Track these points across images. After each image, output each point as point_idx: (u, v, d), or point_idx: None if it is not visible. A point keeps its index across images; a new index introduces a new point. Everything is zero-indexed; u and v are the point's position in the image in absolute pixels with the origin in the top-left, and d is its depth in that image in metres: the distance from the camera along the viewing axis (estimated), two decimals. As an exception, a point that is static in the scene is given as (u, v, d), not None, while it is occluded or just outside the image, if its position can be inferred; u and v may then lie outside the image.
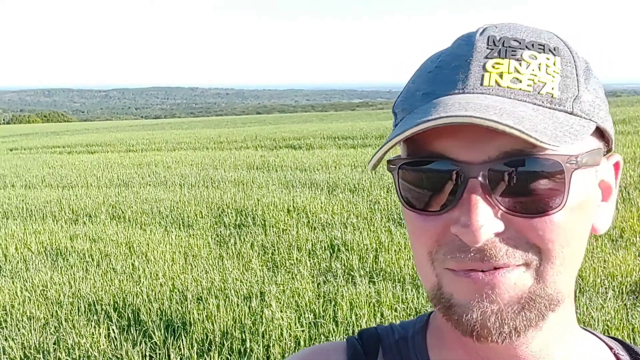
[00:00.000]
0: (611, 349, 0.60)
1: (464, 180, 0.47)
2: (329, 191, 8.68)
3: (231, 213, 7.49)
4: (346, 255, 5.32)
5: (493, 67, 0.49)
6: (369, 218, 6.73)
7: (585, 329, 0.61)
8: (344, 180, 9.30)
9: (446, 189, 0.48)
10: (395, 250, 5.29)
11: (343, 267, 5.03)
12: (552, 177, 0.46)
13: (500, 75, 0.48)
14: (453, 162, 0.48)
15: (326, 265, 5.17)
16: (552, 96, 0.48)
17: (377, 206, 7.27)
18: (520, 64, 0.49)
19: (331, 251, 5.59)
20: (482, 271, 0.48)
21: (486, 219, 0.46)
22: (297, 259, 5.42)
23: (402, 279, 4.59)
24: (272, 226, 6.72)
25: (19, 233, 7.22)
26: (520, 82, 0.48)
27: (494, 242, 0.47)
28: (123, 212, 8.16)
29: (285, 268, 5.21)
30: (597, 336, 0.61)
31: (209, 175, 11.24)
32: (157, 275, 5.18)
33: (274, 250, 5.79)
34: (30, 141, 27.68)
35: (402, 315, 3.88)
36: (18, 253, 6.32)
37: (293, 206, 7.59)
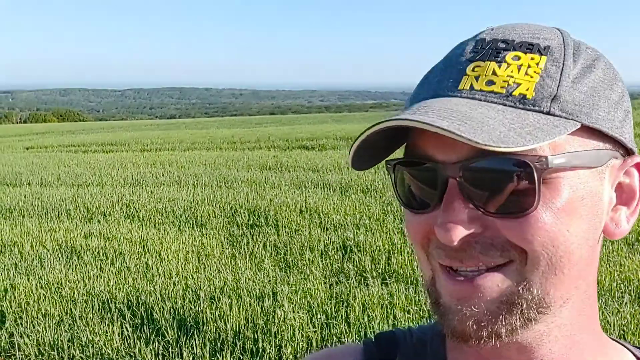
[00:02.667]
0: None
1: (444, 180, 0.49)
2: (341, 192, 8.67)
3: (244, 213, 7.51)
4: (358, 257, 5.31)
5: (473, 70, 0.50)
6: (381, 219, 6.71)
7: (613, 339, 0.60)
8: (356, 182, 9.28)
9: (431, 189, 0.50)
10: (408, 252, 5.26)
11: (355, 269, 5.02)
12: (523, 177, 0.46)
13: (477, 78, 0.49)
14: (435, 163, 0.49)
15: (338, 266, 5.16)
16: (525, 97, 0.48)
17: (389, 207, 7.24)
18: (499, 66, 0.49)
19: (343, 252, 5.58)
20: (464, 272, 0.49)
21: (460, 220, 0.47)
22: (309, 259, 5.41)
23: (415, 281, 4.56)
24: (285, 226, 6.73)
25: (34, 231, 7.31)
26: (494, 83, 0.48)
27: (471, 242, 0.48)
28: (137, 211, 8.23)
29: (297, 268, 5.21)
30: (626, 347, 0.60)
31: (222, 175, 11.29)
32: (170, 274, 5.20)
33: (287, 250, 5.79)
34: (46, 140, 28.03)
35: (415, 318, 3.86)
36: (33, 250, 6.40)
37: (305, 207, 7.59)
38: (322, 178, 10.03)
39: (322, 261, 5.34)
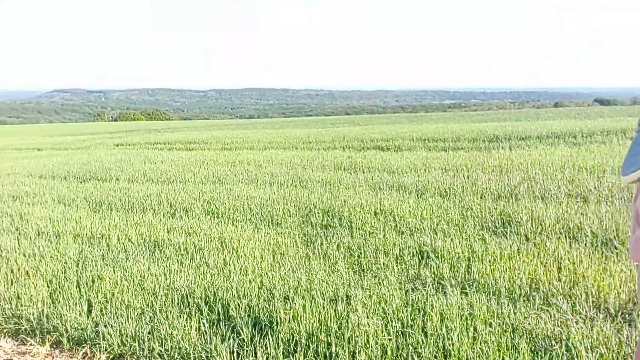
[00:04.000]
0: None
1: None
2: (417, 195, 8.45)
3: (318, 213, 7.50)
4: (436, 263, 5.12)
5: None
6: (460, 225, 6.45)
7: None
8: (433, 184, 9.02)
9: None
10: (489, 261, 5.01)
11: (432, 275, 4.84)
12: None
13: None
14: None
15: (414, 272, 5.00)
16: None
17: (469, 213, 6.96)
18: None
19: (420, 258, 5.41)
20: None
21: None
22: (384, 263, 5.29)
23: (497, 292, 4.33)
24: (359, 228, 6.64)
25: (121, 224, 7.68)
26: None
27: None
28: (217, 207, 8.44)
29: (371, 272, 5.10)
30: None
31: (297, 175, 11.38)
32: (246, 271, 5.27)
33: (360, 253, 5.70)
34: (134, 137, 29.61)
35: (498, 331, 3.64)
36: (119, 243, 6.71)
37: (380, 209, 7.46)
38: (398, 180, 9.84)
39: (397, 266, 5.20)
